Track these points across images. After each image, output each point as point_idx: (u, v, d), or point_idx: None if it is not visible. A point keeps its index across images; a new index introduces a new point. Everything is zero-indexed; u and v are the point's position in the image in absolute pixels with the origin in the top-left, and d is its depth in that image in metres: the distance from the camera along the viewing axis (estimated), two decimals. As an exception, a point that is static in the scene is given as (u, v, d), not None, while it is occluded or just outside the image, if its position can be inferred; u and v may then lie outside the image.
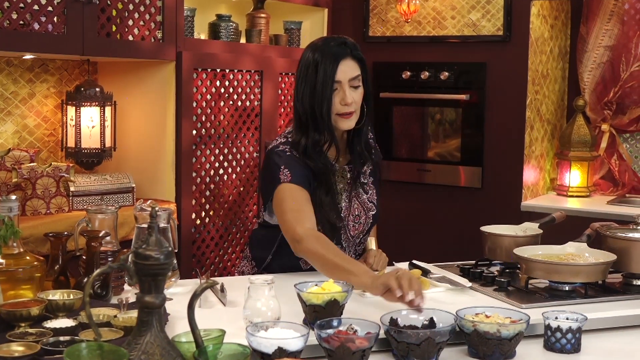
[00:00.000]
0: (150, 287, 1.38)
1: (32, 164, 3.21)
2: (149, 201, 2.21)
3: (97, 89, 3.46)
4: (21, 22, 2.95)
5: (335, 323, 1.75)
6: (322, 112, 2.29)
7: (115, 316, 1.82)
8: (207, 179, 3.74)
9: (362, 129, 2.41)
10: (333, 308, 1.83)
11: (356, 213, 2.44)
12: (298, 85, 2.35)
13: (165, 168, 3.62)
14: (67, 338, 1.66)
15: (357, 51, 2.36)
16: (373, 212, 2.49)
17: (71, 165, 3.33)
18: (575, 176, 4.22)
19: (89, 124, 3.44)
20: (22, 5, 2.94)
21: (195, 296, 1.41)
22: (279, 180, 2.28)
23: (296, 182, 2.27)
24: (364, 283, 1.96)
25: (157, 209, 2.15)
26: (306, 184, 2.29)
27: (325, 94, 2.28)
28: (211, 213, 3.77)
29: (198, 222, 3.71)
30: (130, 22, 3.35)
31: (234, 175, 3.86)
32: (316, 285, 1.90)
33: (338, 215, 2.36)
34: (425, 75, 4.25)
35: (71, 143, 3.46)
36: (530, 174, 4.14)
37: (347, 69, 2.31)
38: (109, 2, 3.25)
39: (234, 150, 3.84)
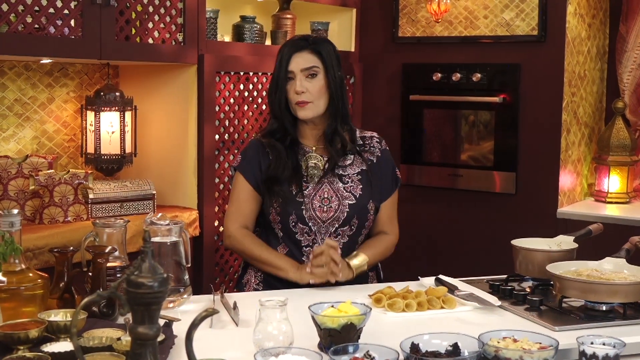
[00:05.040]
0: (144, 317, 1.27)
1: (49, 171, 3.13)
2: (160, 214, 2.11)
3: (117, 94, 3.36)
4: (36, 25, 2.87)
5: (351, 349, 1.63)
6: (275, 100, 2.50)
7: (119, 339, 1.72)
8: (230, 186, 3.64)
9: (336, 128, 2.51)
10: (349, 332, 1.71)
11: (325, 196, 2.50)
12: None
13: (187, 174, 3.52)
14: (65, 364, 1.57)
15: (317, 45, 2.49)
16: (351, 202, 2.50)
17: (90, 172, 3.24)
18: (614, 182, 4.05)
19: (109, 129, 3.35)
20: (37, 8, 2.85)
21: (193, 326, 1.30)
22: (235, 165, 2.60)
23: (242, 171, 2.54)
24: (291, 278, 2.37)
25: (167, 222, 2.06)
26: (249, 174, 2.52)
27: (279, 82, 2.48)
28: (235, 220, 3.66)
29: (221, 229, 3.60)
30: (150, 25, 3.26)
31: (258, 181, 3.75)
32: (332, 306, 1.79)
33: (297, 190, 2.47)
34: (456, 76, 4.10)
35: (91, 149, 3.37)
36: (566, 180, 3.97)
37: (301, 60, 2.47)
38: (127, 4, 3.15)
39: (259, 155, 3.73)
